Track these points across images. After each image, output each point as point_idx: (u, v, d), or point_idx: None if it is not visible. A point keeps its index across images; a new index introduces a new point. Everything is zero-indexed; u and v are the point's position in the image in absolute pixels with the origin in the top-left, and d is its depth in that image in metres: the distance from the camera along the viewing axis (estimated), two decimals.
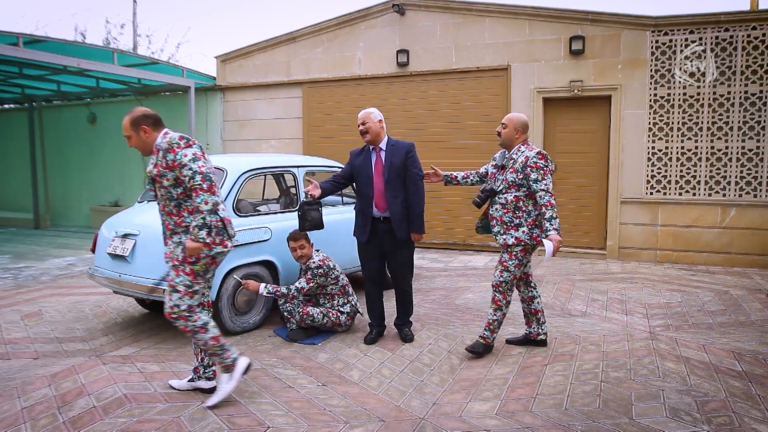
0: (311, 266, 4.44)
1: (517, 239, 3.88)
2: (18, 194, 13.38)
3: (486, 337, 4.06)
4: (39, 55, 7.77)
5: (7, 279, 6.90)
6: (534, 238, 3.87)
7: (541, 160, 3.82)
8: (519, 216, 3.89)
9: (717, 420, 3.06)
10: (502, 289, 3.98)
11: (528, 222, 3.88)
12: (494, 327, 4.05)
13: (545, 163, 3.83)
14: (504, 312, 4.03)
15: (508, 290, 3.99)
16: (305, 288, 4.40)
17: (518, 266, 3.95)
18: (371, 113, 4.24)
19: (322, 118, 9.78)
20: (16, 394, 3.43)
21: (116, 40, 20.72)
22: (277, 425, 3.03)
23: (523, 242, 3.87)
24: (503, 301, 4.00)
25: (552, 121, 8.32)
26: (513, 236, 3.88)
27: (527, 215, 3.89)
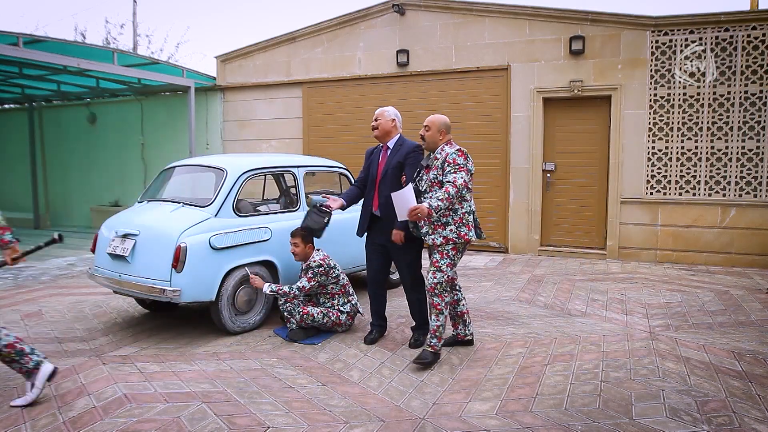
0: (312, 265, 4.45)
1: (446, 238, 3.81)
2: (18, 194, 13.37)
3: (434, 345, 3.90)
4: (39, 55, 7.76)
5: (7, 279, 6.90)
6: (462, 236, 3.81)
7: (460, 157, 3.80)
8: (446, 214, 3.81)
9: (717, 420, 3.06)
10: (438, 291, 3.85)
11: (455, 220, 3.82)
12: (440, 333, 3.90)
13: (464, 160, 3.80)
14: (446, 315, 3.91)
15: (444, 291, 3.86)
16: (306, 287, 4.41)
17: (450, 266, 3.87)
18: (386, 111, 4.33)
19: (322, 118, 9.78)
20: (16, 394, 3.43)
21: (116, 40, 20.72)
22: (277, 425, 3.03)
23: (452, 240, 3.80)
24: (442, 303, 3.87)
25: (552, 121, 8.32)
26: (441, 235, 3.81)
27: (453, 213, 3.82)
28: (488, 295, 5.92)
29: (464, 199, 3.84)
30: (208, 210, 4.58)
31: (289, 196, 5.71)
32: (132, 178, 11.77)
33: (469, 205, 3.87)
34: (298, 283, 4.44)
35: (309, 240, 4.55)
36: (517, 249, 8.50)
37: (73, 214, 12.69)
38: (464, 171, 3.77)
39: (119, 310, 5.45)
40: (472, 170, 3.87)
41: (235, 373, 3.77)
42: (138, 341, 4.50)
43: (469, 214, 3.86)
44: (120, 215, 5.09)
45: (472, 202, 3.92)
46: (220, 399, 3.34)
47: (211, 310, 4.57)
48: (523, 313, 5.20)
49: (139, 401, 3.31)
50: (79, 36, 21.06)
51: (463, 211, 3.83)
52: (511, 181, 8.48)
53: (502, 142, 8.52)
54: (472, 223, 3.87)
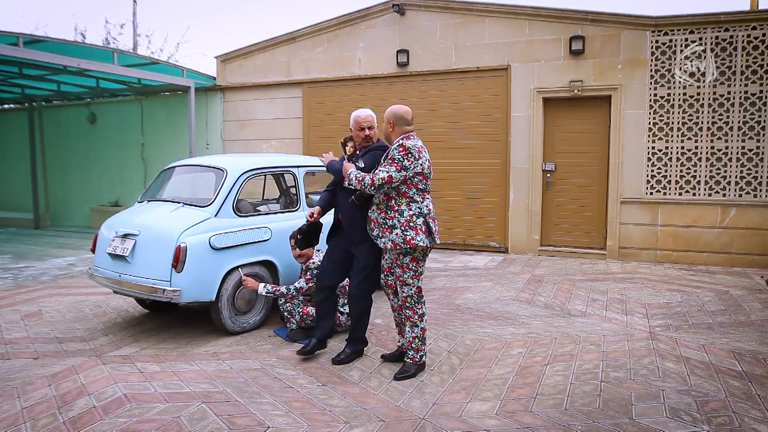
0: (311, 266, 4.45)
1: (393, 243, 3.56)
2: (18, 194, 13.37)
3: (412, 357, 3.74)
4: (39, 55, 7.76)
5: (7, 279, 6.90)
6: (407, 240, 3.52)
7: (399, 153, 3.51)
8: (392, 216, 3.57)
9: (717, 420, 3.06)
10: (409, 304, 3.70)
11: (401, 223, 3.54)
12: (417, 344, 3.73)
13: (401, 156, 3.50)
14: (422, 326, 3.73)
15: (415, 304, 3.70)
16: (304, 288, 4.40)
17: (415, 277, 3.66)
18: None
19: (322, 118, 9.78)
20: (16, 394, 3.44)
21: (116, 40, 20.72)
22: (277, 425, 3.03)
23: (399, 246, 3.54)
24: (414, 316, 3.71)
25: (552, 121, 8.31)
26: (389, 239, 3.57)
27: (399, 215, 3.56)
28: (488, 295, 5.92)
29: (413, 201, 3.57)
30: (208, 210, 4.58)
31: (289, 196, 5.71)
32: (132, 178, 11.77)
33: (418, 206, 3.57)
34: (297, 283, 4.44)
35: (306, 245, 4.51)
36: (517, 249, 8.50)
37: (73, 214, 12.70)
38: (396, 167, 3.48)
39: (119, 310, 5.45)
40: (419, 169, 3.55)
41: (235, 373, 3.77)
42: (138, 341, 4.50)
43: (418, 216, 3.56)
44: (120, 215, 5.09)
45: (426, 203, 3.62)
46: (220, 399, 3.34)
47: (211, 310, 4.57)
48: (523, 313, 5.20)
49: (139, 401, 3.31)
50: (79, 36, 21.07)
51: (410, 213, 3.56)
52: (511, 181, 8.48)
53: (502, 142, 8.52)
54: (421, 227, 3.55)
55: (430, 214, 3.63)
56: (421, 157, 3.58)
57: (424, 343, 3.78)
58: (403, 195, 3.58)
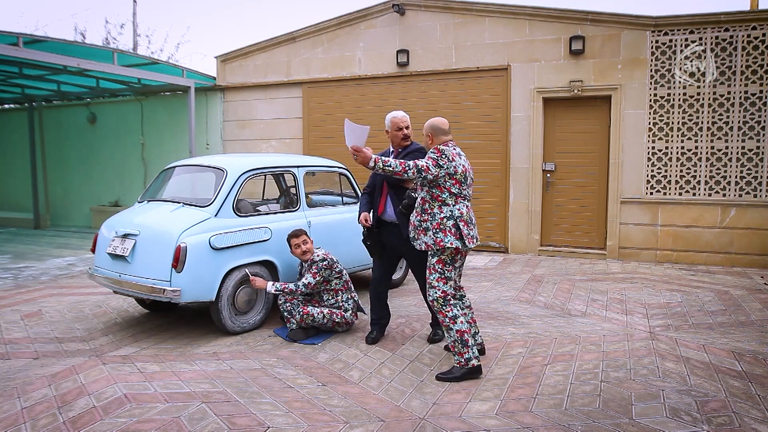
0: (316, 260, 4.49)
1: (426, 244, 3.67)
2: (18, 194, 13.38)
3: (458, 361, 3.71)
4: (39, 55, 7.76)
5: (7, 279, 6.90)
6: (437, 242, 3.62)
7: (434, 153, 3.66)
8: (425, 219, 3.69)
9: (717, 420, 3.06)
10: (437, 307, 3.71)
11: (433, 225, 3.65)
12: (460, 348, 3.68)
13: (436, 155, 3.63)
14: (458, 329, 3.67)
15: (443, 307, 3.69)
16: (312, 283, 4.43)
17: (442, 280, 3.69)
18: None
19: (322, 118, 9.78)
20: (16, 394, 3.43)
21: (116, 40, 20.72)
22: (277, 425, 3.03)
23: (431, 248, 3.66)
24: (446, 320, 3.69)
25: (552, 121, 8.32)
26: (423, 241, 3.69)
27: (431, 218, 3.67)
28: (488, 295, 5.92)
29: (444, 204, 3.67)
30: (208, 210, 4.58)
31: (289, 196, 5.71)
32: (132, 178, 11.77)
33: (450, 209, 3.65)
34: (303, 279, 4.46)
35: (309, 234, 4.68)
36: (517, 249, 8.50)
37: (73, 214, 12.70)
38: (430, 161, 3.61)
39: (119, 310, 5.45)
40: (452, 171, 3.64)
41: (235, 373, 3.77)
42: (138, 341, 4.50)
43: (448, 219, 3.64)
44: (120, 215, 5.09)
45: (458, 207, 3.67)
46: (220, 399, 3.34)
47: (211, 310, 4.57)
48: (523, 313, 5.20)
49: (139, 401, 3.31)
50: (79, 36, 21.06)
51: (441, 216, 3.64)
52: (511, 181, 8.48)
53: (502, 142, 8.52)
54: (451, 229, 3.63)
55: (462, 217, 3.66)
56: (454, 160, 3.67)
57: (466, 346, 3.67)
58: (436, 199, 3.68)
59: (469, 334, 3.70)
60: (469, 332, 3.70)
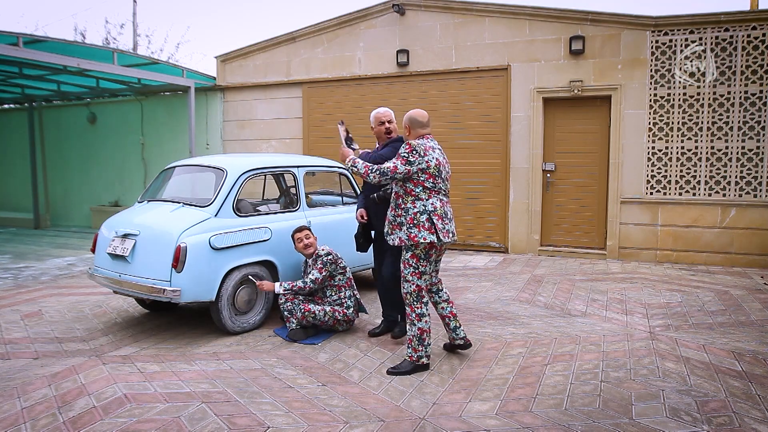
0: (321, 254, 4.53)
1: (400, 239, 3.68)
2: (18, 194, 13.38)
3: (410, 355, 3.77)
4: (39, 55, 7.76)
5: (7, 279, 6.90)
6: (411, 237, 3.62)
7: (404, 149, 3.66)
8: (399, 214, 3.71)
9: (717, 420, 3.06)
10: (408, 301, 3.75)
11: (407, 220, 3.65)
12: (416, 344, 3.74)
13: (406, 152, 3.63)
14: (420, 326, 3.72)
15: (414, 302, 3.71)
16: (319, 278, 4.47)
17: (416, 275, 3.70)
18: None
19: (322, 118, 9.78)
20: (16, 394, 3.43)
21: (116, 40, 20.72)
22: (277, 425, 3.03)
23: (404, 242, 3.66)
24: (412, 315, 3.73)
25: (552, 121, 8.32)
26: (397, 236, 3.70)
27: (405, 213, 3.67)
28: (488, 295, 5.92)
29: (418, 198, 3.65)
30: (208, 210, 4.58)
31: (289, 196, 5.71)
32: (132, 178, 11.77)
33: (423, 204, 3.64)
34: (310, 275, 4.48)
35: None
36: (517, 249, 8.50)
37: (73, 214, 12.70)
38: (401, 160, 3.62)
39: (119, 310, 5.45)
40: (424, 166, 3.62)
41: (235, 373, 3.77)
42: (138, 341, 4.50)
43: (422, 214, 3.62)
44: (120, 215, 5.09)
45: (431, 201, 3.65)
46: (220, 399, 3.34)
47: (211, 310, 4.57)
48: (523, 313, 5.20)
49: (139, 401, 3.31)
50: (79, 36, 21.05)
51: (414, 210, 3.64)
52: (511, 181, 8.48)
53: (502, 142, 8.52)
54: (425, 224, 3.61)
55: (436, 211, 3.65)
56: (426, 154, 3.65)
57: (422, 344, 3.75)
58: (409, 193, 3.69)
59: (428, 335, 3.78)
60: (428, 332, 3.79)
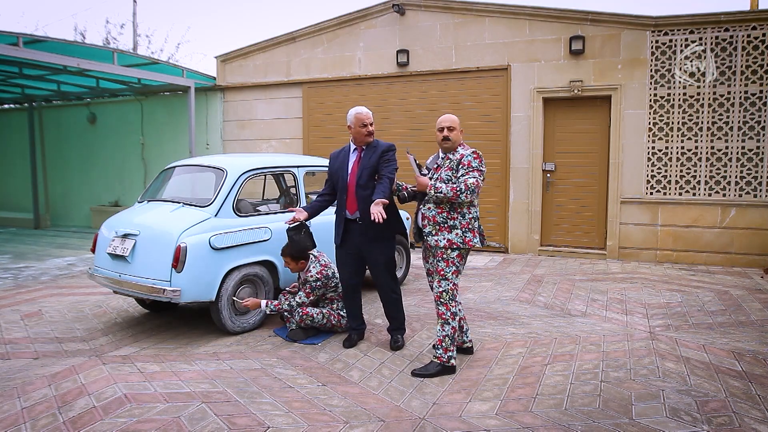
0: (309, 280, 4.44)
1: (450, 241, 3.67)
2: (18, 194, 13.38)
3: (439, 356, 3.74)
4: (39, 55, 7.76)
5: (7, 279, 6.90)
6: (466, 242, 3.69)
7: (475, 160, 3.73)
8: (454, 217, 3.70)
9: (717, 420, 3.06)
10: (443, 300, 3.73)
11: (462, 224, 3.70)
12: (447, 344, 3.73)
13: (478, 163, 3.72)
14: (453, 326, 3.73)
15: (450, 301, 3.72)
16: (306, 302, 4.44)
17: (456, 273, 3.73)
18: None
19: (322, 118, 9.78)
20: (16, 394, 3.44)
21: (116, 40, 20.70)
22: (277, 425, 3.03)
23: (456, 245, 3.67)
24: (447, 313, 3.72)
25: (552, 121, 8.32)
26: (446, 238, 3.69)
27: (461, 217, 3.71)
28: (488, 295, 5.92)
29: (472, 204, 3.76)
30: (208, 210, 4.58)
31: (289, 196, 5.71)
32: (132, 178, 11.77)
33: (476, 210, 3.79)
34: (297, 298, 4.44)
35: (299, 257, 4.51)
36: (517, 249, 8.50)
37: (73, 214, 12.70)
38: (477, 173, 3.69)
39: (119, 310, 5.45)
40: (485, 172, 3.79)
41: (235, 373, 3.77)
42: (138, 341, 4.50)
43: (475, 219, 3.76)
44: (120, 215, 5.09)
45: (478, 209, 3.83)
46: (220, 399, 3.34)
47: (211, 310, 4.57)
48: (523, 313, 5.20)
49: (139, 401, 3.31)
50: (79, 36, 21.04)
51: (470, 216, 3.74)
52: (511, 181, 8.48)
53: (502, 142, 8.52)
54: (477, 229, 3.77)
55: (479, 218, 3.86)
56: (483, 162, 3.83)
57: (454, 343, 3.76)
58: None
59: (457, 333, 3.82)
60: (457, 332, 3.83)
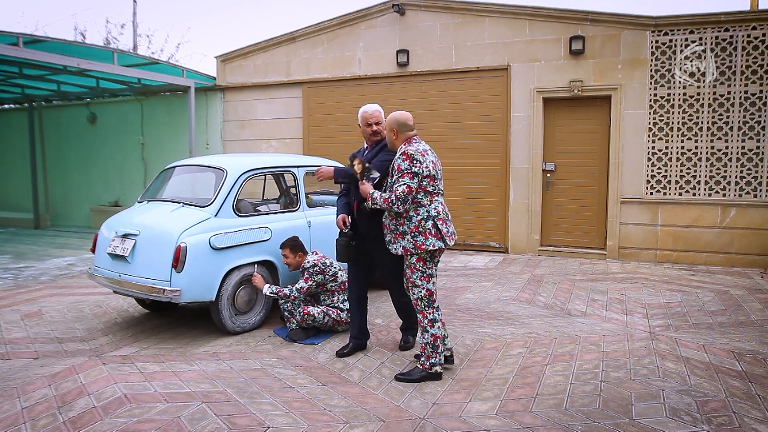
0: (306, 266, 4.52)
1: (404, 248, 3.56)
2: (18, 194, 13.37)
3: (422, 363, 3.67)
4: (39, 55, 7.76)
5: (7, 279, 6.90)
6: (418, 246, 3.51)
7: (404, 162, 3.50)
8: (401, 223, 3.56)
9: (717, 420, 3.06)
10: (419, 307, 3.63)
11: (410, 229, 3.53)
12: (429, 351, 3.63)
13: (408, 165, 3.48)
14: (433, 333, 3.62)
15: (426, 308, 3.61)
16: (304, 287, 4.44)
17: (424, 278, 3.59)
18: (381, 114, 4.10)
19: (322, 118, 9.78)
20: (16, 394, 3.44)
21: (116, 40, 20.69)
22: (277, 425, 3.03)
23: (410, 251, 3.54)
24: (425, 321, 3.62)
25: (552, 121, 8.31)
26: (401, 245, 3.57)
27: (408, 221, 3.54)
28: (488, 295, 5.92)
29: (420, 205, 3.54)
30: (208, 210, 4.58)
31: (289, 196, 5.71)
32: (132, 178, 11.77)
33: (426, 210, 3.54)
34: (297, 284, 4.47)
35: (297, 250, 4.66)
36: (517, 249, 8.50)
37: (73, 214, 12.70)
38: (408, 176, 3.47)
39: (119, 310, 5.45)
40: (425, 172, 3.51)
41: (235, 373, 3.77)
42: (138, 341, 4.50)
43: (426, 220, 3.53)
44: (120, 215, 5.09)
45: (434, 206, 3.57)
46: (220, 399, 3.35)
47: (211, 310, 4.57)
48: (523, 313, 5.20)
49: (139, 401, 3.31)
50: (79, 36, 21.03)
51: (418, 218, 3.53)
52: (511, 181, 8.48)
53: (502, 142, 8.52)
54: (430, 230, 3.52)
55: (439, 216, 3.57)
56: (425, 159, 3.54)
57: (435, 351, 3.63)
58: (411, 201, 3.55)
59: (441, 340, 3.65)
60: (441, 338, 3.65)
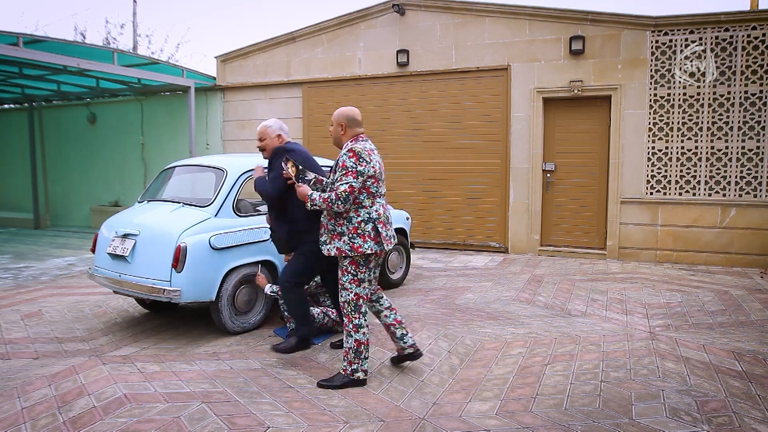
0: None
1: (339, 249, 3.41)
2: (18, 194, 13.38)
3: (344, 368, 3.54)
4: (39, 55, 7.76)
5: (7, 279, 6.90)
6: (354, 248, 3.37)
7: (350, 159, 3.38)
8: (340, 223, 3.43)
9: (717, 420, 3.06)
10: (345, 311, 3.50)
11: (349, 230, 3.40)
12: (352, 357, 3.50)
13: (354, 163, 3.37)
14: (357, 338, 3.49)
15: (352, 312, 3.47)
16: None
17: (354, 282, 3.45)
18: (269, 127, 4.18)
19: (322, 118, 9.78)
20: (16, 394, 3.44)
21: (116, 40, 20.70)
22: (277, 425, 3.03)
23: (345, 253, 3.41)
24: (350, 325, 3.49)
25: (552, 121, 8.32)
26: (335, 246, 3.43)
27: (347, 222, 3.41)
28: (488, 295, 5.92)
29: (362, 206, 3.43)
30: (208, 210, 4.58)
31: None
32: (132, 178, 11.77)
33: (367, 212, 3.43)
34: None
35: None
36: (517, 249, 8.50)
37: (73, 214, 12.70)
38: (352, 175, 3.35)
39: (119, 310, 5.45)
40: (371, 172, 3.41)
41: (235, 373, 3.77)
42: (138, 341, 4.50)
43: (367, 222, 3.41)
44: (120, 215, 5.09)
45: (375, 208, 3.46)
46: (220, 399, 3.35)
47: (211, 310, 4.57)
48: (523, 313, 5.20)
49: (139, 401, 3.31)
50: (79, 36, 21.03)
51: (358, 219, 3.40)
52: (511, 181, 8.48)
53: (502, 142, 8.52)
54: (370, 233, 3.40)
55: (380, 218, 3.46)
56: (371, 159, 3.45)
57: (358, 357, 3.51)
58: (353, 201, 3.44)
59: (366, 347, 3.54)
60: (366, 345, 3.54)
